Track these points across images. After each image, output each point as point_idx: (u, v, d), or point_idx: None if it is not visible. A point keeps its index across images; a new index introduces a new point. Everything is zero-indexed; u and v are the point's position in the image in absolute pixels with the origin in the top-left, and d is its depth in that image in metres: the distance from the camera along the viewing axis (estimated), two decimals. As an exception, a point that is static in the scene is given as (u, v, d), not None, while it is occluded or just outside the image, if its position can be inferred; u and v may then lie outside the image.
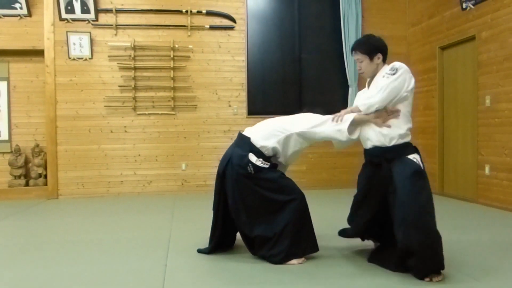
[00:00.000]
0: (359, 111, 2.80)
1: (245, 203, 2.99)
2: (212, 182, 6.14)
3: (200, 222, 4.30)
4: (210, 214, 3.28)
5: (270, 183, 2.96)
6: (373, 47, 2.86)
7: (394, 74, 2.70)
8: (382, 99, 2.69)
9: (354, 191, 3.10)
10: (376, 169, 2.80)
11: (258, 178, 2.96)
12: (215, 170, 3.19)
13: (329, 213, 4.61)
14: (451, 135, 5.90)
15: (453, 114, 5.84)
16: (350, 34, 6.58)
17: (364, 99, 2.83)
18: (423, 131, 6.45)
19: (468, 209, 4.92)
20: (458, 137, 5.76)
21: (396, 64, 2.74)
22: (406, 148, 2.75)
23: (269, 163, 3.01)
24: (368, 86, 2.94)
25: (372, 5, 6.79)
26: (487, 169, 5.09)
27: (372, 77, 2.90)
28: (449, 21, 5.80)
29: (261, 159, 2.98)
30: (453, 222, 4.22)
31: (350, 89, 6.59)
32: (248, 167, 2.95)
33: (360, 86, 6.67)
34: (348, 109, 2.92)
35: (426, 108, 6.37)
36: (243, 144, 3.07)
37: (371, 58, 2.85)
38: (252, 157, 2.97)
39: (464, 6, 5.46)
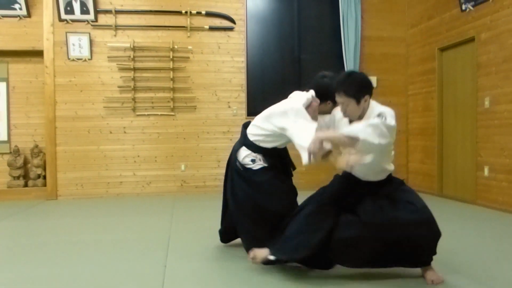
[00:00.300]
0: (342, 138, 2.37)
1: (235, 197, 2.98)
2: (211, 183, 6.21)
3: (200, 223, 4.31)
4: (209, 214, 3.28)
5: (256, 185, 2.87)
6: (359, 88, 2.46)
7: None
8: (368, 134, 2.27)
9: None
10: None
11: (246, 176, 2.92)
12: (215, 171, 3.23)
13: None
14: (450, 137, 5.91)
15: (452, 116, 5.85)
16: (349, 35, 6.59)
17: (351, 129, 2.37)
18: (422, 133, 6.46)
19: (467, 211, 4.92)
20: (457, 138, 5.77)
21: (388, 112, 2.40)
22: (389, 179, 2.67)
23: (260, 163, 2.90)
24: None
25: (371, 6, 6.80)
26: (486, 171, 5.10)
27: (358, 119, 2.53)
28: (448, 23, 5.81)
29: (251, 155, 2.91)
30: (452, 223, 4.22)
31: (349, 90, 6.59)
32: (237, 162, 2.97)
33: (360, 87, 6.66)
34: (329, 133, 2.55)
35: (425, 109, 6.38)
36: (241, 136, 3.09)
37: (358, 101, 2.47)
38: (241, 154, 2.95)
39: (463, 8, 5.47)
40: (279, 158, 3.03)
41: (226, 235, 3.33)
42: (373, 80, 6.79)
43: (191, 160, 6.35)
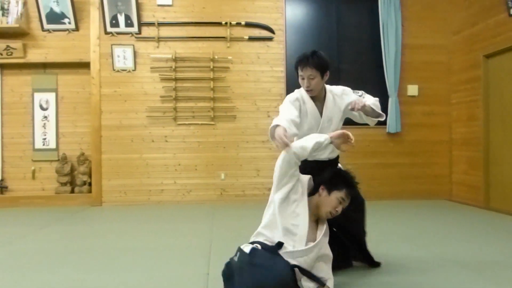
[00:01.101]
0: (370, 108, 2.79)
1: None
2: (250, 192, 6.25)
3: (240, 231, 4.32)
4: (249, 223, 3.28)
5: None
6: (326, 63, 2.78)
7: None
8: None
9: (392, 203, 3.09)
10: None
11: None
12: (254, 180, 3.23)
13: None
14: (497, 147, 5.70)
15: (500, 125, 5.64)
16: (389, 43, 6.51)
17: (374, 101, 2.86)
18: (466, 143, 6.27)
19: (516, 224, 4.72)
20: (505, 148, 5.55)
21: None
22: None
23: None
24: (321, 114, 2.83)
25: (412, 14, 6.69)
26: (536, 182, 4.88)
27: (317, 97, 2.85)
28: (494, 28, 5.64)
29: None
30: (500, 238, 4.06)
31: (390, 99, 6.50)
32: None
33: (400, 96, 6.56)
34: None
35: (469, 119, 6.19)
36: None
37: (322, 75, 2.78)
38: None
39: None
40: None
41: None
42: (415, 89, 6.67)
43: (230, 169, 6.41)
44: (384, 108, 6.52)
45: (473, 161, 6.12)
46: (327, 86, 2.91)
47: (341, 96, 2.89)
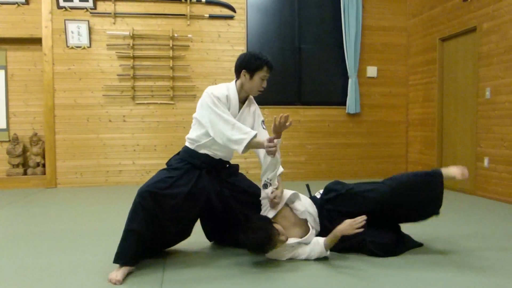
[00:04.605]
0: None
1: None
2: (210, 172, 6.18)
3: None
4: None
5: None
6: None
7: None
8: None
9: (352, 182, 3.12)
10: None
11: None
12: (214, 161, 3.08)
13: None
14: (450, 127, 5.90)
15: (453, 106, 5.83)
16: (350, 24, 6.55)
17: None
18: (422, 123, 6.45)
19: (466, 201, 4.93)
20: (457, 129, 5.75)
21: None
22: None
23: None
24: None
25: (373, -5, 6.74)
26: (486, 162, 5.09)
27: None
28: (450, 12, 5.77)
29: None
30: (452, 214, 4.23)
31: (350, 80, 6.57)
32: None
33: (360, 77, 6.65)
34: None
35: (425, 100, 6.36)
36: None
37: None
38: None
39: (465, -3, 5.42)
40: None
41: None
42: (374, 70, 6.77)
43: (190, 149, 6.32)
44: (344, 89, 6.65)
45: (428, 141, 6.31)
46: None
47: (256, 107, 2.98)
